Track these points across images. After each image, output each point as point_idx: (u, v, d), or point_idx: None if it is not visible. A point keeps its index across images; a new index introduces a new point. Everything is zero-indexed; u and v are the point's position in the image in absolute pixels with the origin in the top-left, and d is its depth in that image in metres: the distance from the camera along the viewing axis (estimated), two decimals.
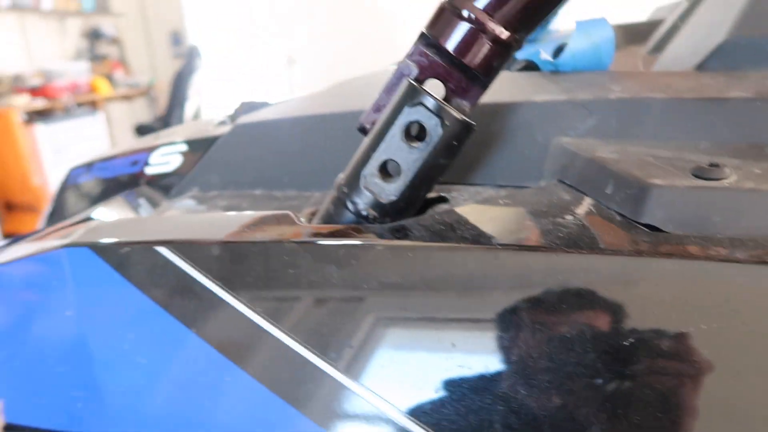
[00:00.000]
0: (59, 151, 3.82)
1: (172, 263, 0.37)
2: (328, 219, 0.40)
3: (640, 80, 0.45)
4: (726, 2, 0.51)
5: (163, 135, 0.87)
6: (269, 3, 5.07)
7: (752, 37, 0.45)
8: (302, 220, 0.41)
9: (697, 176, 0.33)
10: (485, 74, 0.37)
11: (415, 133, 0.37)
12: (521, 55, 0.62)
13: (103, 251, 0.39)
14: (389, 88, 0.40)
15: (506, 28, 0.35)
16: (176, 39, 5.16)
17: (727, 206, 0.31)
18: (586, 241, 0.32)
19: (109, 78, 4.66)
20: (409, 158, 0.37)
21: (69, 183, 0.84)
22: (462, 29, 0.36)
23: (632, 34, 0.84)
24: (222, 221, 0.41)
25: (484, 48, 0.36)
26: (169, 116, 4.53)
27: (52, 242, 0.44)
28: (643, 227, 0.33)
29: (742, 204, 0.31)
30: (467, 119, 0.36)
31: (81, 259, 0.39)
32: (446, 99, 0.38)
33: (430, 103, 0.36)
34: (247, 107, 0.70)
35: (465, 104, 0.39)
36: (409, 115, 0.36)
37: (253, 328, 0.35)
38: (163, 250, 0.37)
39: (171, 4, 5.10)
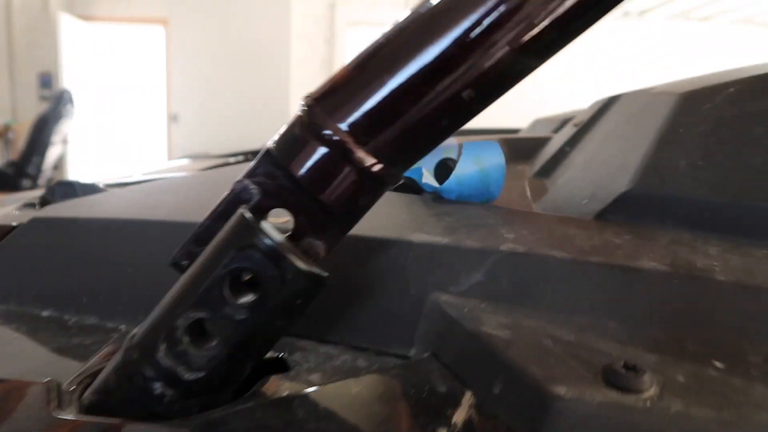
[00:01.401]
0: None
1: None
2: (105, 394, 0.27)
3: (535, 226, 0.38)
4: (623, 145, 0.47)
5: None
6: (155, 57, 4.90)
7: (654, 191, 0.40)
8: (66, 392, 0.28)
9: (609, 382, 0.25)
10: (347, 213, 0.28)
11: (244, 284, 0.26)
12: None
13: None
14: (218, 215, 0.29)
15: (380, 160, 0.26)
16: (46, 81, 4.74)
17: None
18: None
19: None
20: (231, 319, 0.26)
21: None
22: (319, 155, 0.26)
23: (515, 149, 0.80)
24: None
25: (347, 182, 0.26)
26: (26, 162, 4.07)
27: None
28: None
29: None
30: (317, 272, 0.26)
31: None
32: (297, 236, 0.28)
33: (266, 247, 0.25)
34: (64, 190, 0.55)
35: (320, 246, 0.29)
36: (237, 259, 0.26)
37: None
38: None
39: (45, 44, 4.71)
